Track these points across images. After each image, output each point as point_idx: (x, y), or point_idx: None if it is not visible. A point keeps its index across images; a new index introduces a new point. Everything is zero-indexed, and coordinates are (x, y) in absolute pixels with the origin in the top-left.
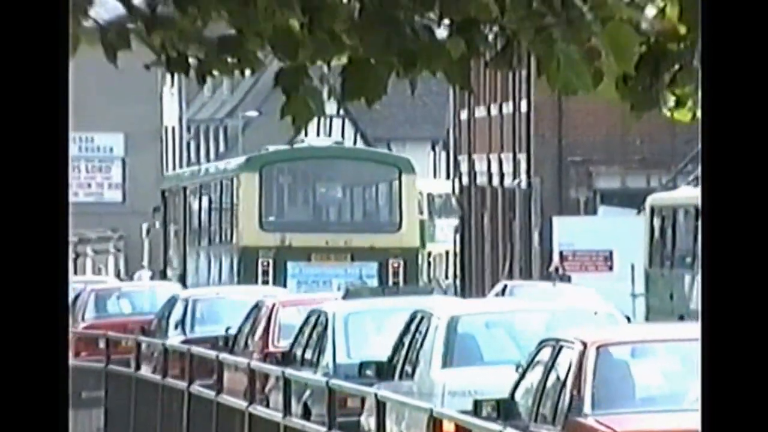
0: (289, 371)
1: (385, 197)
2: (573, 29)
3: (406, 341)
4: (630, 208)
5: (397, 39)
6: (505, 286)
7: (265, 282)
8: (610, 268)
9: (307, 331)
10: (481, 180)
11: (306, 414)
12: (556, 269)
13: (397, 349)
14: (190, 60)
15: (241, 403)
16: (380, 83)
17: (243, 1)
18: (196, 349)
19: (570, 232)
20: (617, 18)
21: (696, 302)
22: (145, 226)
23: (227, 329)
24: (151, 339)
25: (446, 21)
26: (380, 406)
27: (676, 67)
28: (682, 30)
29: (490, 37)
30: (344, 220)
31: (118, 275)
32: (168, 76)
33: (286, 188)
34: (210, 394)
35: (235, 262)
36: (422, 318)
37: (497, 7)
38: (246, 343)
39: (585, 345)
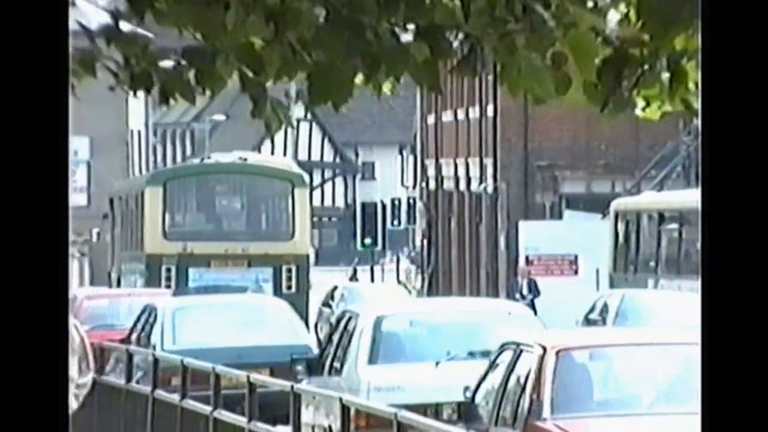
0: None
1: (279, 209)
2: (535, 36)
3: (335, 339)
4: (595, 212)
5: (360, 43)
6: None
7: (168, 286)
8: (576, 272)
9: (141, 321)
10: (448, 184)
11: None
12: (523, 273)
13: (326, 346)
14: (154, 77)
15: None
16: (346, 87)
17: (212, 14)
18: None
19: (536, 236)
20: (580, 25)
21: None
22: (95, 231)
23: None
24: None
25: (411, 26)
26: (297, 398)
27: (639, 71)
28: (645, 37)
29: (455, 43)
30: (242, 230)
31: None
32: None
33: (188, 200)
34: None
35: (143, 268)
36: (350, 317)
37: (462, 14)
38: None
39: (545, 349)
